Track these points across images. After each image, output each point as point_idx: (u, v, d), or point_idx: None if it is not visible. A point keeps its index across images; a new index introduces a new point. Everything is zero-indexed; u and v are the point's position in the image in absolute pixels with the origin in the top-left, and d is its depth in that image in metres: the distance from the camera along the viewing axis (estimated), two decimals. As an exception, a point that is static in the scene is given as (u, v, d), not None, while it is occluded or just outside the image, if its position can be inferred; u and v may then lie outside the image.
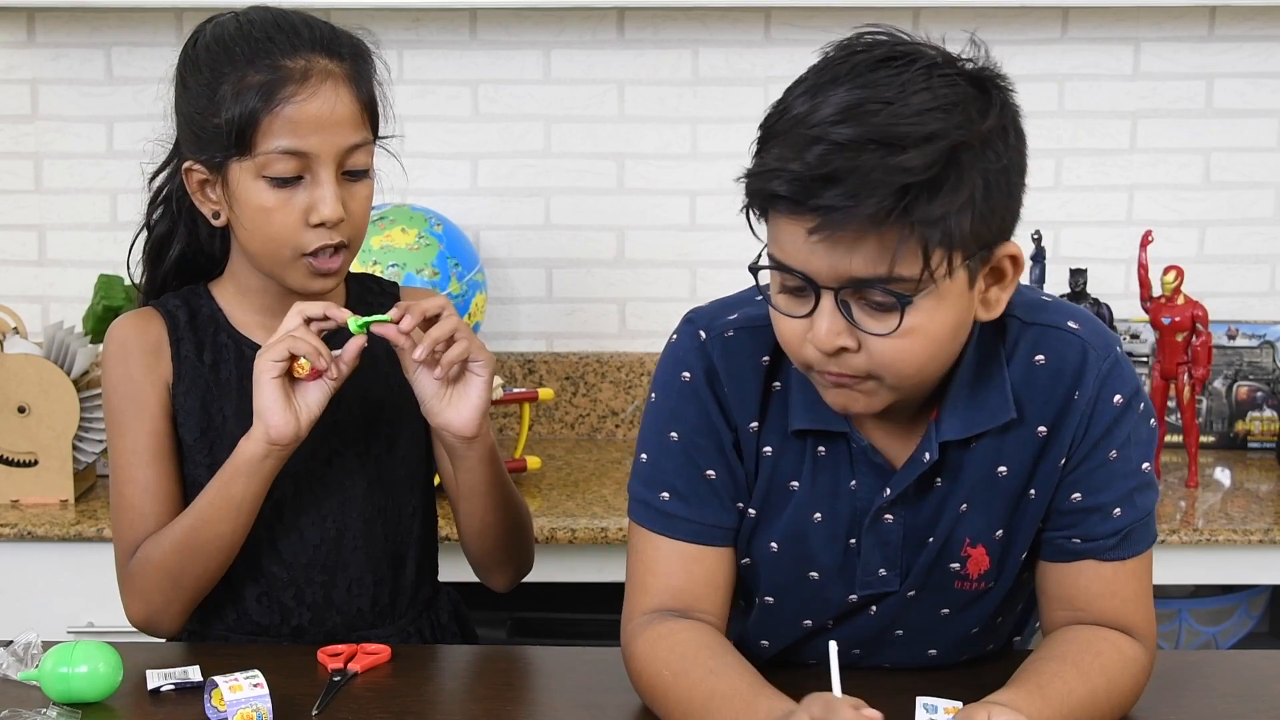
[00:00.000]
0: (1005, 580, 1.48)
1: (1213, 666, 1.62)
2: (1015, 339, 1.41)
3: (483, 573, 1.75)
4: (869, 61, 1.27)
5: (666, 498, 1.47)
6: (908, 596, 1.48)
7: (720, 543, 1.48)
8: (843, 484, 1.45)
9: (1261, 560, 2.34)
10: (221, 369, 1.65)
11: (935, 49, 1.30)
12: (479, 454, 1.61)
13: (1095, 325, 1.43)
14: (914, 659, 1.54)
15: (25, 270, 2.82)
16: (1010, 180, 1.29)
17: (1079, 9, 2.72)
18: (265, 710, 1.40)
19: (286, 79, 1.53)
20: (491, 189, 2.81)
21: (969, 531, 1.45)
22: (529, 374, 2.81)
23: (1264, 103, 2.77)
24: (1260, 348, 2.75)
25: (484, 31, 2.76)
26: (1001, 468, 1.42)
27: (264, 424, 1.52)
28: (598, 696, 1.51)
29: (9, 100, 2.78)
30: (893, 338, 1.28)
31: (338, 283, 1.63)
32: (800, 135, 1.25)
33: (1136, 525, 1.44)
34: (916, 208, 1.22)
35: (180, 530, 1.58)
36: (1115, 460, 1.42)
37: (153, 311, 1.66)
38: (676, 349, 1.48)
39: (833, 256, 1.26)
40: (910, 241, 1.24)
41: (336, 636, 1.66)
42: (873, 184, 1.21)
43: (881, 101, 1.23)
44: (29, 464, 2.38)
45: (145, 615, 1.61)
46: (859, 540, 1.45)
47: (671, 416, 1.47)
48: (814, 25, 2.71)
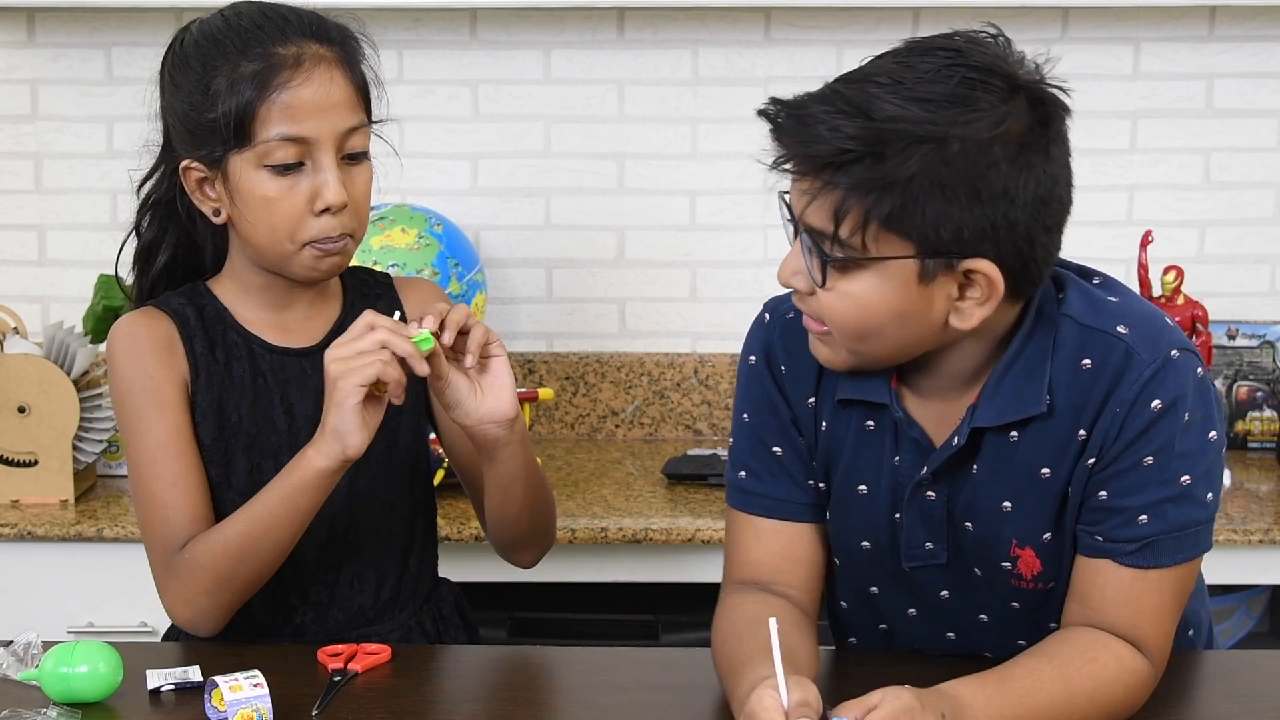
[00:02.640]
0: (1065, 579, 1.47)
1: (1213, 666, 1.62)
2: (1067, 340, 1.42)
3: (509, 553, 1.75)
4: (926, 46, 1.35)
5: (743, 476, 1.56)
6: (976, 576, 1.50)
7: (795, 518, 1.55)
8: (886, 459, 1.49)
9: (1261, 560, 2.34)
10: (234, 367, 1.64)
11: (985, 51, 1.36)
12: (519, 435, 1.59)
13: (1153, 326, 1.42)
14: (1009, 649, 1.50)
15: (25, 270, 2.82)
16: (989, 194, 1.31)
17: (1079, 9, 2.72)
18: (265, 710, 1.40)
19: (280, 65, 1.53)
20: (491, 189, 2.81)
21: (1015, 533, 1.46)
22: (529, 374, 2.81)
23: (1264, 103, 2.77)
24: (1260, 348, 2.75)
25: (484, 31, 2.76)
26: (1045, 469, 1.43)
27: (342, 444, 1.49)
28: (598, 696, 1.51)
29: (9, 100, 2.78)
30: (827, 293, 1.37)
31: (343, 266, 1.63)
32: (820, 92, 1.35)
33: (1165, 537, 1.41)
34: (845, 173, 1.30)
35: (235, 535, 1.55)
36: (1149, 466, 1.40)
37: (157, 310, 1.65)
38: (747, 336, 1.58)
39: (795, 194, 1.36)
40: (853, 209, 1.31)
41: (338, 634, 1.66)
42: (817, 136, 1.31)
43: (894, 79, 1.31)
44: (29, 464, 2.38)
45: (190, 616, 1.59)
46: (902, 514, 1.50)
47: (743, 399, 1.57)
48: (814, 25, 2.71)
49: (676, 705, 1.49)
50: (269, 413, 1.64)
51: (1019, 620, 1.52)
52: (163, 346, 1.62)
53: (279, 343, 1.66)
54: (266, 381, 1.64)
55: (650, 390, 2.81)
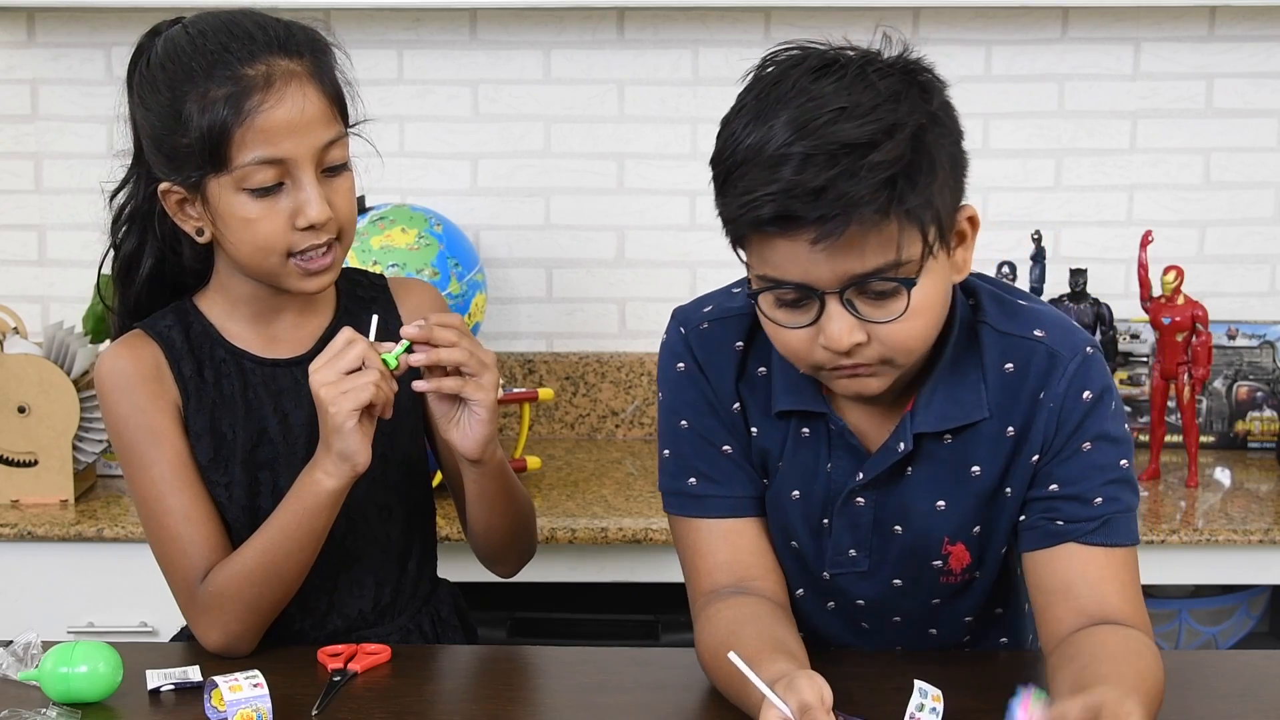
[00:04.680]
0: (988, 570, 1.55)
1: (1213, 666, 1.62)
2: (989, 347, 1.48)
3: (488, 564, 1.77)
4: (805, 75, 1.34)
5: (694, 482, 1.55)
6: (894, 586, 1.55)
7: (755, 512, 1.56)
8: (820, 465, 1.52)
9: (1261, 560, 2.34)
10: (224, 384, 1.63)
11: (854, 50, 1.38)
12: (484, 471, 1.61)
13: (1064, 328, 1.49)
14: (919, 642, 1.61)
15: (25, 270, 2.82)
16: (960, 149, 1.39)
17: (1079, 9, 2.72)
18: (265, 710, 1.40)
19: (251, 88, 1.50)
20: (491, 189, 2.81)
21: (947, 530, 1.52)
22: (529, 374, 2.81)
23: (1264, 103, 2.77)
24: (1260, 348, 2.75)
25: (484, 31, 2.76)
26: (975, 467, 1.49)
27: (350, 463, 1.50)
28: (598, 696, 1.51)
29: (9, 100, 2.78)
30: (900, 321, 1.36)
31: (333, 279, 1.61)
32: (765, 160, 1.32)
33: (1117, 516, 1.46)
34: (906, 196, 1.31)
35: (255, 563, 1.56)
36: (1090, 452, 1.46)
37: (141, 336, 1.63)
38: (667, 345, 1.57)
39: (835, 260, 1.32)
40: (909, 227, 1.32)
41: (337, 637, 1.66)
42: (859, 185, 1.28)
43: (834, 110, 1.31)
44: (29, 464, 2.38)
45: (224, 643, 1.58)
46: (830, 521, 1.52)
47: (678, 406, 1.55)
48: (814, 25, 2.71)
49: (676, 705, 1.49)
50: (263, 425, 1.63)
51: (933, 614, 1.58)
52: (151, 377, 1.61)
53: (269, 354, 1.65)
54: (258, 395, 1.64)
55: (650, 390, 2.81)
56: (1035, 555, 1.48)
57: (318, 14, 2.23)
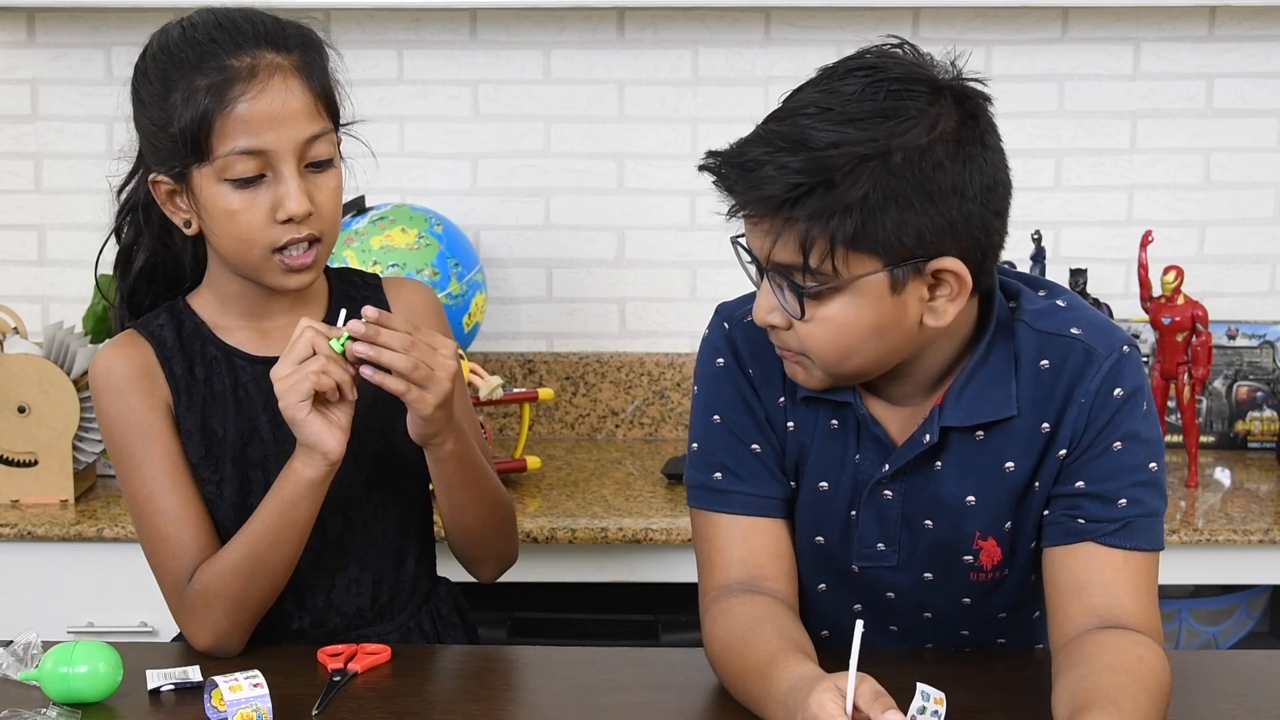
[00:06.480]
0: (1019, 566, 1.54)
1: (1213, 666, 1.62)
2: (1024, 344, 1.48)
3: (464, 563, 1.77)
4: (843, 70, 1.38)
5: (719, 477, 1.55)
6: (925, 580, 1.55)
7: (776, 514, 1.56)
8: (849, 456, 1.53)
9: (1261, 560, 2.34)
10: (215, 382, 1.64)
11: (918, 64, 1.39)
12: (435, 457, 1.61)
13: (1102, 327, 1.49)
14: (950, 640, 1.60)
15: (25, 270, 2.82)
16: (940, 193, 1.36)
17: (1079, 9, 2.72)
18: (265, 710, 1.40)
19: (234, 78, 1.52)
20: (491, 189, 2.81)
21: (979, 525, 1.52)
22: (529, 374, 2.81)
23: (1264, 103, 2.77)
24: (1260, 348, 2.75)
25: (484, 31, 2.76)
26: (1009, 463, 1.49)
27: (320, 451, 1.51)
28: (598, 696, 1.51)
29: (9, 100, 2.78)
30: (806, 324, 1.41)
31: (315, 277, 1.61)
32: (759, 124, 1.39)
33: (1141, 520, 1.46)
34: (801, 206, 1.34)
35: (240, 558, 1.56)
36: (1120, 452, 1.46)
37: (133, 336, 1.64)
38: (708, 340, 1.60)
39: (759, 240, 1.40)
40: (819, 239, 1.34)
41: (336, 636, 1.66)
42: (766, 178, 1.35)
43: (822, 107, 1.35)
44: (29, 464, 2.38)
45: (213, 642, 1.59)
46: (858, 512, 1.53)
47: (712, 401, 1.57)
48: (814, 25, 2.71)
49: (676, 705, 1.49)
50: (253, 423, 1.64)
51: (965, 613, 1.58)
52: (142, 376, 1.61)
53: (259, 352, 1.65)
54: (249, 393, 1.64)
55: (650, 390, 2.81)
56: (1054, 551, 1.48)
57: (317, 14, 2.23)
